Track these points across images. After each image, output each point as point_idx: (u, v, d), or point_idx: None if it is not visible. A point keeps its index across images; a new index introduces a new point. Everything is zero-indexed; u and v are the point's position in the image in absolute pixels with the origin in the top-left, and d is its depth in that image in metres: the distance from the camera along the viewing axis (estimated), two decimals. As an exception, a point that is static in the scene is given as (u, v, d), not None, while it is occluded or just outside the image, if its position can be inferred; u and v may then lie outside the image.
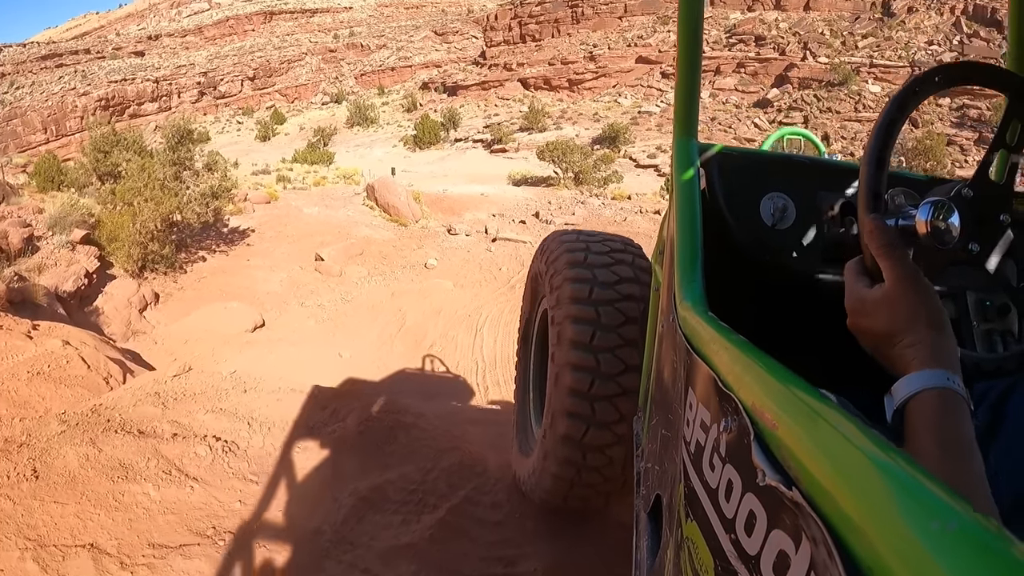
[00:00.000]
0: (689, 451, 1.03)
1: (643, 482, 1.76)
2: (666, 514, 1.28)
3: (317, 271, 16.26)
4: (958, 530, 0.41)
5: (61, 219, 14.20)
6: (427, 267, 16.96)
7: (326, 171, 32.48)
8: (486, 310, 13.70)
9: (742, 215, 1.66)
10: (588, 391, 2.47)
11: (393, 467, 3.55)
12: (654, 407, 1.69)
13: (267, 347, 11.93)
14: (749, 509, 0.72)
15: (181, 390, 4.60)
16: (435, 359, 11.76)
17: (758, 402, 0.74)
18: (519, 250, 18.25)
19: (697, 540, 0.92)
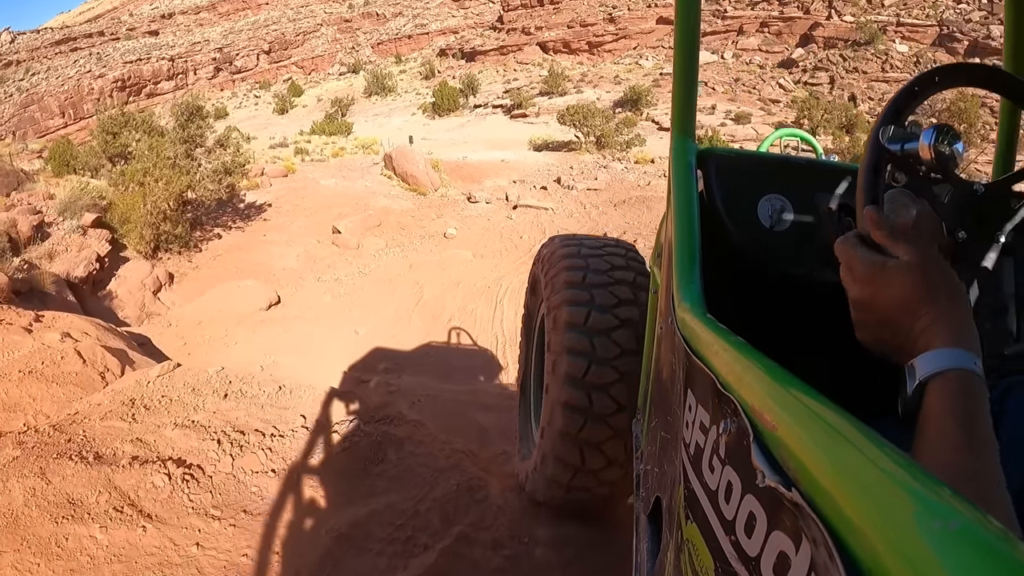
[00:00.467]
0: (688, 453, 1.03)
1: (643, 484, 1.76)
2: (666, 516, 1.27)
3: (334, 244, 15.72)
4: (959, 530, 0.40)
5: (71, 204, 13.78)
6: (446, 237, 16.35)
7: (344, 142, 31.81)
8: (506, 281, 13.12)
9: (740, 217, 1.65)
10: (583, 377, 2.41)
11: (380, 494, 3.02)
12: (653, 409, 1.68)
13: (281, 326, 11.49)
14: (749, 510, 0.71)
15: (159, 395, 4.10)
16: (461, 331, 11.30)
17: (757, 403, 0.74)
18: (540, 217, 17.62)
19: (697, 542, 0.91)
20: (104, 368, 5.98)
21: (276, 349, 10.62)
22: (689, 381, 1.09)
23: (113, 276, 12.95)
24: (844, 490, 0.52)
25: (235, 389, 4.12)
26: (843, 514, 0.51)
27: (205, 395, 4.02)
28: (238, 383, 4.26)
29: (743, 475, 0.74)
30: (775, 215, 1.66)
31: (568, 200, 19.42)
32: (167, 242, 14.23)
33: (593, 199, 19.41)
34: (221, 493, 2.98)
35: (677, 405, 1.19)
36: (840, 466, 0.54)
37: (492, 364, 10.19)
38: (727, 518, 0.78)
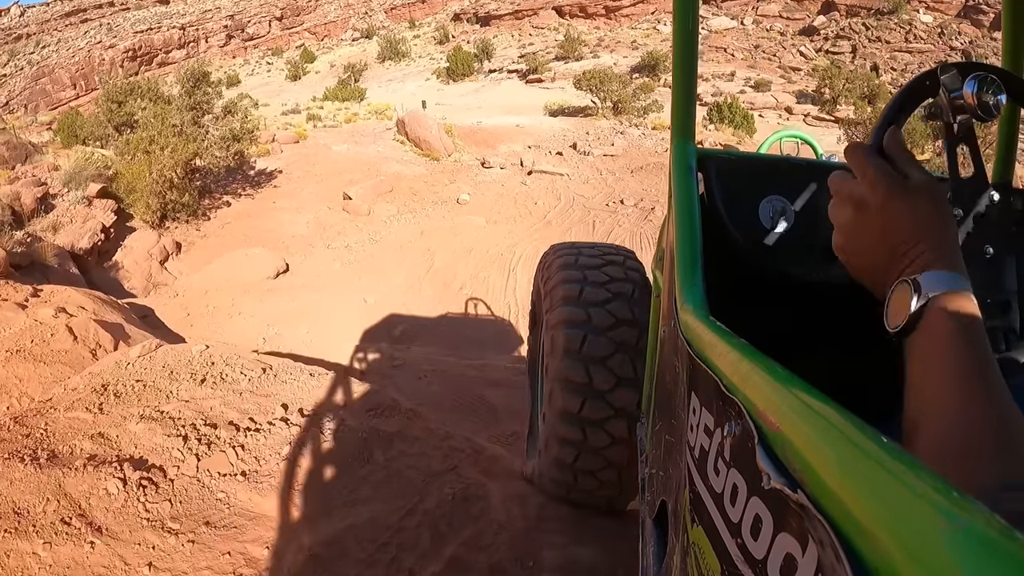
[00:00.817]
0: (693, 456, 1.02)
1: (648, 488, 1.74)
2: (671, 520, 1.26)
3: (345, 211, 15.26)
4: (966, 529, 0.40)
5: (76, 175, 13.40)
6: (459, 203, 15.84)
7: (357, 107, 31.16)
8: (520, 248, 12.66)
9: (741, 218, 1.65)
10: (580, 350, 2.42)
11: (362, 503, 2.59)
12: (657, 412, 1.68)
13: (289, 295, 11.11)
14: (755, 513, 0.70)
15: (134, 379, 3.71)
16: (474, 300, 10.90)
17: (761, 405, 0.73)
18: (555, 183, 17.05)
19: (703, 545, 0.90)
20: (96, 344, 5.66)
21: (281, 320, 10.27)
22: (692, 384, 1.08)
23: (119, 246, 12.62)
24: (850, 491, 0.51)
25: (215, 373, 3.71)
26: (849, 515, 0.50)
27: (181, 380, 3.61)
28: (220, 365, 3.86)
29: (748, 477, 0.73)
30: (776, 216, 1.65)
31: (584, 166, 18.83)
32: (174, 211, 13.82)
33: (610, 165, 18.81)
34: (182, 501, 2.58)
35: (681, 408, 1.18)
36: (846, 467, 0.53)
37: (505, 335, 9.78)
38: (733, 521, 0.77)
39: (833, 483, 0.54)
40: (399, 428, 3.07)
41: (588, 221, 13.79)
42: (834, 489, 0.54)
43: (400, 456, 2.86)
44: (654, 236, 12.23)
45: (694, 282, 1.33)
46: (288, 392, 3.43)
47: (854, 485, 0.51)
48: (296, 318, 10.36)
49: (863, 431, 0.54)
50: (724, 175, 1.71)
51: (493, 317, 10.39)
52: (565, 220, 14.10)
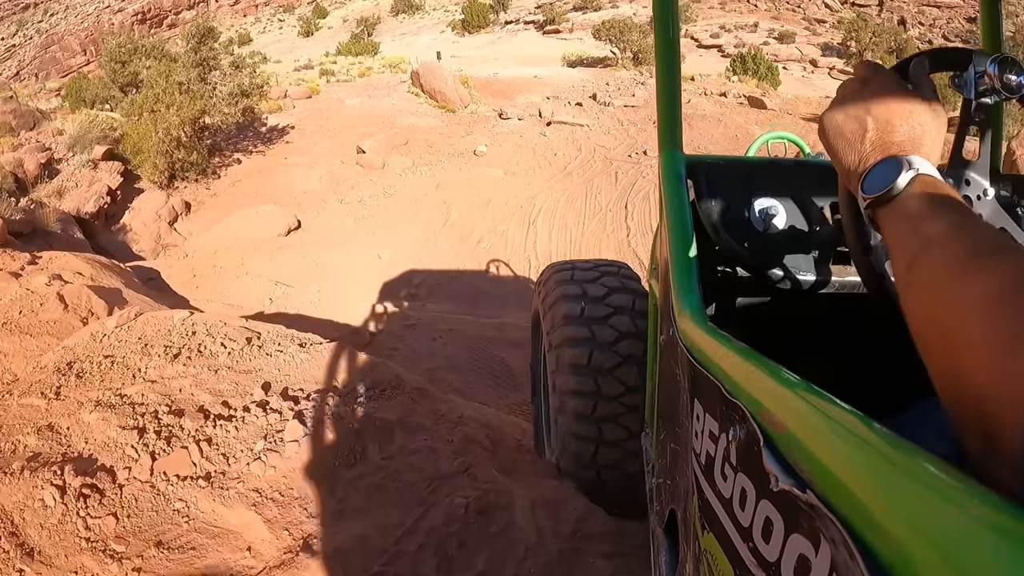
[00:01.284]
0: (699, 463, 1.01)
1: (656, 498, 1.71)
2: (682, 528, 1.25)
3: (358, 165, 14.62)
4: (979, 516, 0.40)
5: (81, 138, 12.87)
6: (476, 155, 15.15)
7: (371, 62, 30.14)
8: (540, 200, 12.01)
9: (733, 223, 1.60)
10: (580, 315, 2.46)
11: (351, 516, 2.03)
12: (661, 422, 1.67)
13: (300, 252, 10.61)
14: (765, 516, 0.70)
15: (103, 355, 3.21)
16: (492, 255, 10.34)
17: (765, 407, 0.73)
18: (575, 134, 16.27)
19: (715, 552, 0.89)
20: (88, 312, 5.22)
21: (292, 278, 9.77)
22: (695, 391, 1.08)
23: (127, 208, 12.16)
24: (860, 487, 0.52)
25: (193, 345, 3.17)
26: (862, 512, 0.50)
27: (153, 355, 3.09)
28: (202, 335, 3.33)
29: (756, 481, 0.72)
30: (767, 219, 1.60)
31: (604, 117, 18.01)
32: (183, 170, 13.27)
33: (631, 116, 17.96)
34: (130, 515, 2.05)
35: (684, 416, 1.18)
36: (854, 464, 0.54)
37: (525, 291, 9.20)
38: (743, 525, 0.76)
39: (843, 481, 0.53)
40: (401, 414, 2.51)
41: (610, 172, 13.09)
42: (845, 487, 0.53)
43: (400, 453, 2.29)
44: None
45: (690, 289, 1.32)
46: (272, 368, 2.89)
47: (865, 482, 0.51)
48: (307, 276, 9.86)
49: (871, 427, 0.54)
50: (714, 181, 1.66)
51: (512, 272, 9.81)
52: (586, 171, 13.40)
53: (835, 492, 0.54)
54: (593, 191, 12.18)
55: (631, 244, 10.17)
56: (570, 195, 12.09)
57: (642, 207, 11.18)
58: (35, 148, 12.57)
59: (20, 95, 17.87)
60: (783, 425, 0.66)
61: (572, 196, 12.05)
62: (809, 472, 0.60)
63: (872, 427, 0.54)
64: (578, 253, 10.11)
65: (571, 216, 11.31)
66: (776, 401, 0.71)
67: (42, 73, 56.72)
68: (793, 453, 0.64)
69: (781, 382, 0.72)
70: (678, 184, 1.62)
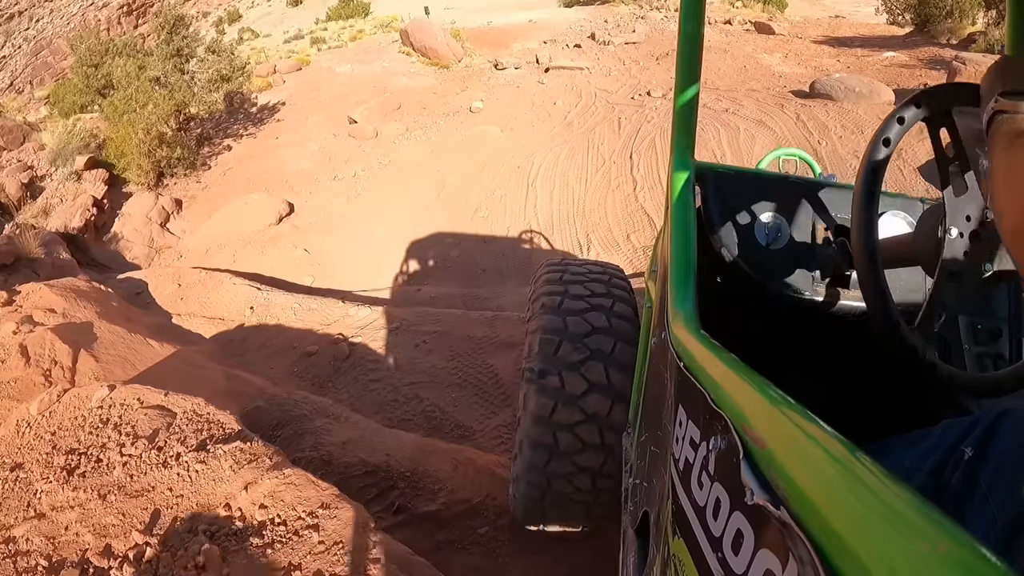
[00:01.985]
0: (678, 468, 1.02)
1: (631, 498, 1.74)
2: (653, 531, 1.25)
3: (351, 137, 13.81)
4: (947, 552, 0.40)
5: (61, 151, 12.35)
6: (472, 111, 14.24)
7: (363, 24, 28.90)
8: (539, 157, 11.15)
9: (737, 234, 1.65)
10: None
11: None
12: (643, 424, 1.67)
13: (292, 240, 10.01)
14: (737, 528, 0.71)
15: (12, 464, 2.77)
16: (489, 222, 9.64)
17: (748, 421, 0.74)
18: (575, 79, 15.26)
19: (684, 558, 0.90)
20: (52, 363, 4.75)
21: (284, 270, 9.18)
22: (680, 397, 1.09)
23: (117, 216, 11.68)
24: (832, 510, 0.52)
25: (99, 444, 2.65)
26: (831, 534, 0.50)
27: (55, 464, 2.58)
28: (112, 425, 2.78)
29: (732, 492, 0.73)
30: (772, 233, 1.65)
31: (605, 57, 16.91)
32: (170, 167, 12.67)
33: (632, 54, 16.85)
34: None
35: (668, 420, 1.18)
36: (829, 486, 0.54)
37: (526, 261, 8.45)
38: (715, 535, 0.77)
39: (818, 502, 0.54)
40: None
41: (613, 119, 12.14)
42: (819, 508, 0.53)
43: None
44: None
45: (687, 295, 1.33)
46: (165, 487, 2.32)
47: (837, 505, 0.51)
48: (299, 268, 9.23)
49: (849, 451, 0.54)
50: (722, 190, 1.69)
51: (512, 240, 9.03)
52: (588, 119, 12.45)
53: (808, 512, 0.54)
54: (596, 141, 11.27)
55: (638, 198, 9.33)
56: (571, 148, 11.20)
57: (648, 156, 10.26)
58: (16, 168, 12.14)
59: (7, 109, 17.07)
60: (764, 440, 0.66)
61: (573, 150, 11.16)
62: (785, 489, 0.60)
63: (852, 452, 0.54)
64: (582, 215, 9.31)
65: (572, 172, 10.45)
66: (760, 416, 0.71)
67: (36, 80, 55.86)
68: (771, 469, 0.63)
69: (767, 397, 0.72)
70: (686, 189, 1.62)
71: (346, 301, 6.44)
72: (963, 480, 0.88)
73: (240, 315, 6.78)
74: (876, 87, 10.64)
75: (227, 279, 7.67)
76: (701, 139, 10.17)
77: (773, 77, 12.99)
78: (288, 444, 3.71)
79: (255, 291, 7.13)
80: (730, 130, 10.34)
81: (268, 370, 5.60)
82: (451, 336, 5.32)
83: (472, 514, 3.09)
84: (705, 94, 12.13)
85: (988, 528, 0.78)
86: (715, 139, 10.15)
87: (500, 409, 4.37)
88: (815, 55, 14.21)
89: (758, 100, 11.39)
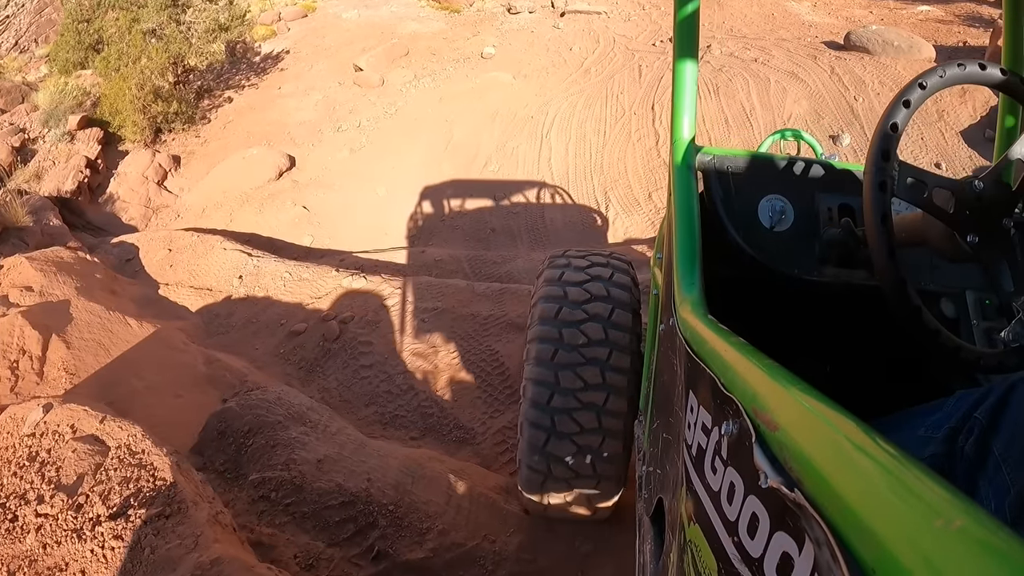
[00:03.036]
0: (690, 454, 1.00)
1: (645, 486, 1.72)
2: (668, 518, 1.23)
3: (356, 85, 13.00)
4: (962, 528, 0.40)
5: (53, 111, 11.65)
6: (483, 57, 13.36)
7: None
8: (554, 107, 10.34)
9: (740, 218, 1.64)
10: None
11: None
12: (655, 411, 1.65)
13: (292, 196, 9.37)
14: (751, 511, 0.70)
15: None
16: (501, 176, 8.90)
17: (759, 404, 0.73)
18: (592, 23, 14.27)
19: (700, 543, 0.89)
20: (20, 353, 4.39)
21: (283, 229, 8.62)
22: (690, 382, 1.07)
23: (112, 176, 11.00)
24: (846, 490, 0.51)
25: (19, 491, 2.09)
26: (846, 514, 0.49)
27: None
28: (36, 465, 2.19)
29: (745, 476, 0.72)
30: (776, 216, 1.62)
31: (624, 1, 15.82)
32: (167, 122, 11.93)
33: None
34: None
35: (679, 406, 1.16)
36: (842, 466, 0.53)
37: (537, 224, 7.75)
38: (730, 519, 0.75)
39: (832, 483, 0.53)
40: None
41: (632, 66, 11.21)
42: (833, 489, 0.52)
43: None
44: (713, 81, 9.73)
45: (693, 280, 1.32)
46: (76, 567, 1.69)
47: (854, 485, 0.50)
48: (298, 227, 8.60)
49: (861, 430, 0.53)
50: (724, 174, 1.68)
51: (524, 197, 8.32)
52: (606, 67, 11.55)
53: (823, 493, 0.53)
54: (614, 90, 10.41)
55: (661, 153, 8.54)
56: (588, 97, 10.36)
57: (669, 107, 9.40)
58: (7, 132, 11.47)
59: (7, 69, 16.29)
60: (776, 423, 0.65)
61: (590, 99, 10.31)
62: (798, 471, 0.59)
63: (865, 431, 0.53)
64: (600, 170, 8.56)
65: (590, 124, 9.63)
66: (770, 398, 0.70)
67: (40, 38, 54.76)
68: (784, 451, 0.62)
69: (776, 379, 0.72)
70: (687, 174, 1.59)
71: (340, 270, 5.80)
72: (976, 447, 0.87)
73: (228, 285, 6.19)
74: (916, 42, 9.70)
75: (218, 244, 7.06)
76: (729, 90, 9.34)
77: (803, 27, 11.97)
78: (258, 457, 3.15)
79: (246, 257, 6.52)
80: (760, 81, 9.44)
81: (253, 350, 5.02)
82: (453, 314, 4.69)
83: (466, 562, 2.49)
84: (732, 42, 11.21)
85: (1002, 497, 0.78)
86: (744, 91, 9.28)
87: (505, 407, 3.76)
88: (845, 4, 13.12)
89: (789, 51, 10.43)
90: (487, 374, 4.04)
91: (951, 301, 1.45)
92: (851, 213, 1.58)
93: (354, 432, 3.35)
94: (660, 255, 1.99)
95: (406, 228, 8.22)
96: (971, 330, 1.39)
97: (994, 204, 1.19)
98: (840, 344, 1.51)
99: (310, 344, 4.79)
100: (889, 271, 1.10)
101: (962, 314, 1.40)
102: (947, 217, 1.19)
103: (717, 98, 9.27)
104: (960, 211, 1.18)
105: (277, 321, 5.23)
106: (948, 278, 1.46)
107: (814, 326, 1.56)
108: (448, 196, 8.64)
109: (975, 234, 1.18)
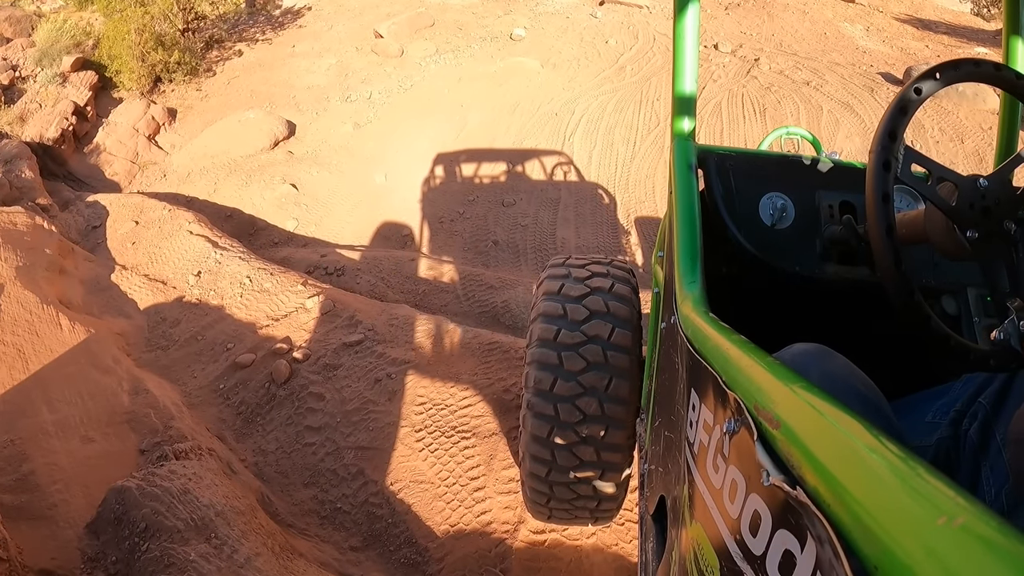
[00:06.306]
0: (692, 452, 0.99)
1: (647, 484, 1.69)
2: (671, 515, 1.22)
3: (373, 52, 12.02)
4: (964, 525, 0.39)
5: (48, 49, 10.74)
6: (512, 39, 12.33)
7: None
8: (582, 104, 9.37)
9: (741, 215, 1.61)
10: None
11: None
12: (657, 409, 1.62)
13: (283, 171, 8.50)
14: (754, 509, 0.69)
15: None
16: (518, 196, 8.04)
17: (760, 401, 0.71)
18: (632, 17, 13.15)
19: (702, 541, 0.87)
20: None
21: (267, 209, 7.80)
22: (692, 380, 1.05)
23: (102, 125, 10.07)
24: (848, 488, 0.50)
25: None
26: (848, 512, 0.49)
27: None
28: None
29: (747, 474, 0.71)
30: (776, 213, 1.60)
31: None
32: (168, 71, 10.97)
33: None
34: None
35: (680, 404, 1.14)
36: (844, 464, 0.52)
37: (546, 241, 6.84)
38: (732, 517, 0.74)
39: (833, 480, 0.52)
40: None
41: (672, 70, 10.20)
42: (835, 486, 0.52)
43: None
44: (760, 100, 8.76)
45: (694, 278, 1.29)
46: None
47: (856, 483, 0.50)
48: (283, 208, 7.71)
49: (863, 427, 0.53)
50: (724, 172, 1.65)
51: (535, 210, 7.42)
52: (643, 67, 10.52)
53: (825, 490, 0.53)
54: (650, 95, 9.42)
55: (694, 175, 7.57)
56: (620, 99, 9.37)
57: (712, 123, 8.42)
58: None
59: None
60: (777, 420, 0.64)
61: (623, 101, 9.32)
62: (800, 469, 0.58)
63: (867, 428, 0.52)
64: (624, 187, 7.62)
65: (619, 131, 8.62)
66: (772, 396, 0.68)
67: None
68: (785, 449, 0.61)
69: (777, 377, 0.70)
70: (688, 172, 1.58)
71: (308, 284, 4.92)
72: (980, 432, 0.88)
73: (184, 281, 5.35)
74: (981, 89, 8.71)
75: (185, 225, 6.18)
76: (777, 114, 8.35)
77: (857, 52, 10.92)
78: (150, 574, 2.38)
79: (210, 248, 5.65)
80: (811, 108, 8.46)
81: (191, 378, 4.20)
82: (426, 374, 3.83)
83: None
84: (782, 58, 10.19)
85: (1001, 482, 0.78)
86: (793, 117, 8.30)
87: (471, 528, 2.90)
88: (899, 34, 12.05)
89: (843, 77, 9.41)
90: (456, 475, 3.19)
91: (952, 297, 1.46)
92: (852, 210, 1.59)
93: (267, 562, 2.53)
94: (661, 253, 1.98)
95: (400, 225, 7.34)
96: (972, 326, 1.39)
97: (998, 204, 1.17)
98: (841, 340, 1.34)
99: (254, 383, 3.95)
100: (887, 251, 1.08)
101: (963, 310, 1.40)
102: (948, 209, 1.16)
103: (763, 120, 8.30)
104: (962, 205, 1.16)
105: (224, 343, 4.39)
106: (949, 275, 1.48)
107: (815, 323, 1.47)
108: (451, 193, 7.74)
109: (975, 230, 1.16)
